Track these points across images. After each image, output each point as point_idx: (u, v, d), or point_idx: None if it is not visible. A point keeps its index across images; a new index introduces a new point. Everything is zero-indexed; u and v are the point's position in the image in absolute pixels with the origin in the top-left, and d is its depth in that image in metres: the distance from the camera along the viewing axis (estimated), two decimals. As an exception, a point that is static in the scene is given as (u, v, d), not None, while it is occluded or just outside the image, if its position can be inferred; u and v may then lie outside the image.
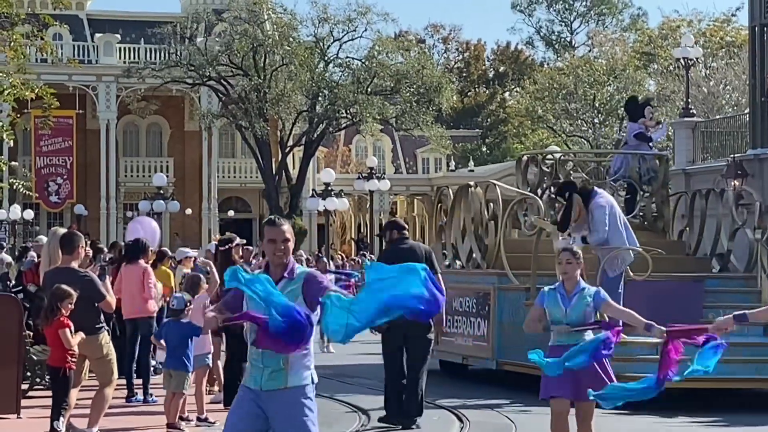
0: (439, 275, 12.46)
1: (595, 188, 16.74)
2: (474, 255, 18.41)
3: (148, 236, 17.39)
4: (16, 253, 30.40)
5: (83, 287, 11.32)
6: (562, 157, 20.76)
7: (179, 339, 12.60)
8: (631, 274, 15.72)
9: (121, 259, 16.12)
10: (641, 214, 19.08)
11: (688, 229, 19.39)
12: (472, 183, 20.34)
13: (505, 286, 17.05)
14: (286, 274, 6.91)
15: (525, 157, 20.27)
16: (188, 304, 12.85)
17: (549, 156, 20.31)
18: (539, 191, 18.77)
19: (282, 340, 6.57)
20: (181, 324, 12.68)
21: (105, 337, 11.69)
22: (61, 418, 11.09)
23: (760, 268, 17.10)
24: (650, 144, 19.38)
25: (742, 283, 17.80)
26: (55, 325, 11.00)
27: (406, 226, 14.00)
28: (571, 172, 20.10)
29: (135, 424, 12.83)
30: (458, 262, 19.25)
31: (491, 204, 18.46)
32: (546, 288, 9.87)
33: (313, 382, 6.94)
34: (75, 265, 11.70)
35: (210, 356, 13.72)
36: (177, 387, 12.52)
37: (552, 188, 18.71)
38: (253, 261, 19.82)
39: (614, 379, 9.47)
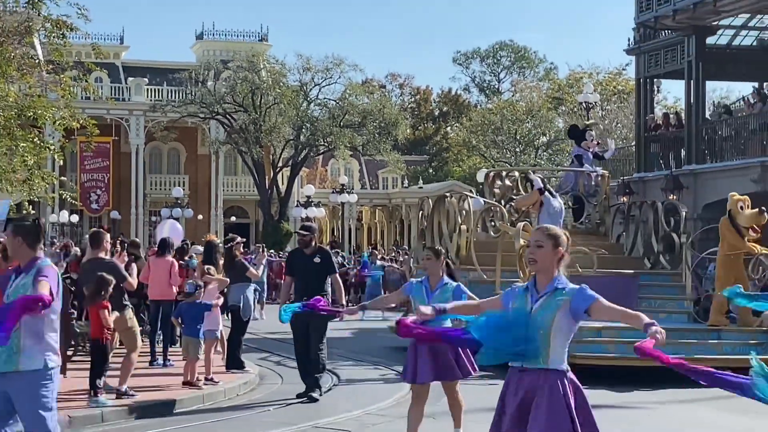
0: (337, 275, 12.29)
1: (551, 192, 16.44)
2: (449, 253, 17.69)
3: (172, 236, 17.33)
4: (60, 250, 30.29)
5: (108, 272, 11.31)
6: (523, 175, 20.05)
7: (193, 315, 12.60)
8: (579, 270, 15.13)
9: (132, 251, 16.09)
10: (588, 221, 18.55)
11: (624, 233, 18.85)
12: (447, 194, 19.80)
13: (474, 279, 16.45)
14: (25, 268, 6.18)
15: (491, 174, 19.45)
16: (199, 288, 12.84)
17: (511, 173, 19.58)
18: (503, 201, 18.17)
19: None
20: (194, 304, 12.68)
21: (129, 313, 11.67)
22: (103, 378, 11.03)
23: (685, 266, 16.73)
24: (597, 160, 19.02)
25: (669, 279, 17.28)
26: (97, 306, 10.94)
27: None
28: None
29: (158, 382, 12.77)
30: None
31: (463, 211, 17.90)
32: (414, 280, 8.99)
33: (48, 367, 6.06)
34: (102, 255, 11.67)
35: (219, 331, 13.65)
36: (192, 353, 12.49)
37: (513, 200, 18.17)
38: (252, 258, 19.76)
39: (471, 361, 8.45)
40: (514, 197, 18.36)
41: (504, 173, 19.32)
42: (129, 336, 11.61)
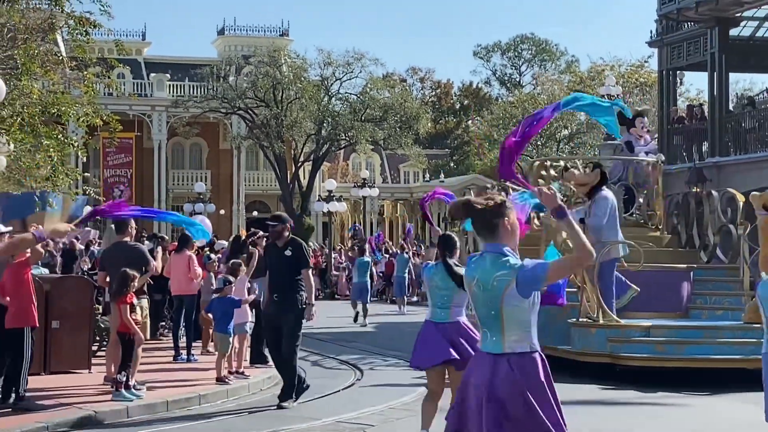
0: (309, 270, 11.20)
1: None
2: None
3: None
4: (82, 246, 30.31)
5: (132, 255, 11.38)
6: (568, 164, 18.23)
7: (223, 311, 12.64)
8: (626, 264, 14.29)
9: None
10: (638, 212, 17.26)
11: (679, 225, 17.71)
12: (489, 184, 18.80)
13: None
14: None
15: (536, 163, 18.21)
16: (227, 283, 12.89)
17: (557, 163, 18.04)
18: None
19: None
20: (224, 299, 12.72)
21: (143, 303, 11.62)
22: (123, 372, 11.01)
23: (742, 260, 15.48)
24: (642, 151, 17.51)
25: (725, 273, 16.20)
26: (119, 301, 10.96)
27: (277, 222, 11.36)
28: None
29: (182, 377, 12.80)
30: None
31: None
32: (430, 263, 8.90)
33: None
34: (126, 239, 11.74)
35: (248, 325, 13.63)
36: (223, 348, 12.53)
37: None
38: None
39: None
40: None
41: (549, 162, 17.98)
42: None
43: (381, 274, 34.78)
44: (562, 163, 17.94)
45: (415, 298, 31.79)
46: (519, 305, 4.92)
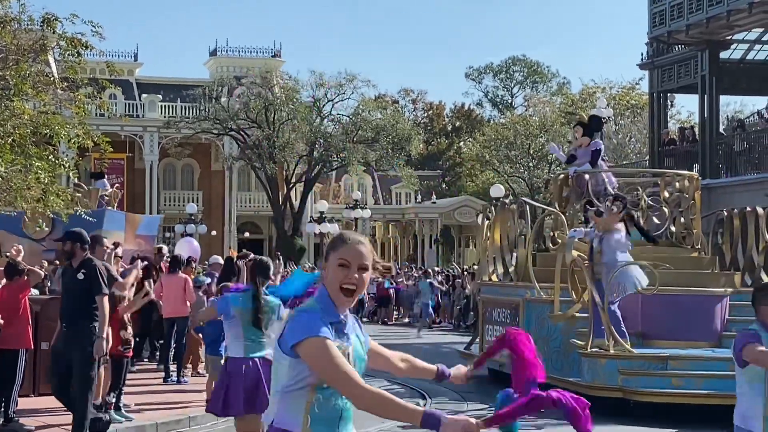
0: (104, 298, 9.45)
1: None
2: (509, 269, 15.84)
3: (191, 253, 17.34)
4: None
5: (93, 272, 11.13)
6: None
7: (215, 333, 12.59)
8: (639, 289, 12.92)
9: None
10: (672, 230, 15.75)
11: (723, 245, 16.24)
12: (508, 201, 17.85)
13: (532, 298, 14.57)
14: None
15: (561, 176, 16.73)
16: None
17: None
18: (577, 205, 15.77)
19: None
20: (215, 321, 12.68)
21: None
22: (112, 393, 10.96)
23: None
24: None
25: None
26: (113, 323, 10.91)
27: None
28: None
29: (172, 399, 12.75)
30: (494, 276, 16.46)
31: (522, 220, 15.80)
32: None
33: None
34: (94, 257, 11.47)
35: None
36: (214, 370, 12.49)
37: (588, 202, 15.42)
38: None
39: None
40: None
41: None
42: None
43: (373, 296, 34.79)
44: (586, 177, 16.79)
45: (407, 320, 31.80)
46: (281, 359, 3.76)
